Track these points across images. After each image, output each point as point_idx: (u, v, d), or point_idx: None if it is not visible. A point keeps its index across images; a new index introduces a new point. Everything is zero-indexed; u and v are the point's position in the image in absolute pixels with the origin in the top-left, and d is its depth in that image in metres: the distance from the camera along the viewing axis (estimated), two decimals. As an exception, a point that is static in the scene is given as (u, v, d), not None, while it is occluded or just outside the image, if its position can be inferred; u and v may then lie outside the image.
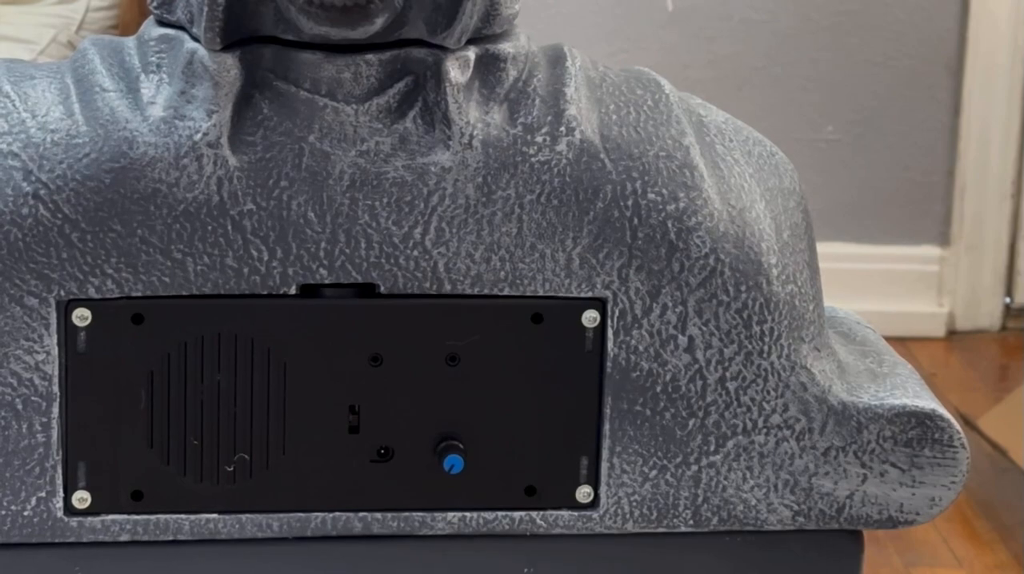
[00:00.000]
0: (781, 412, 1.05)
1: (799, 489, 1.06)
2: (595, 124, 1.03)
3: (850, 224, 3.09)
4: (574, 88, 1.03)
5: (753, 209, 1.04)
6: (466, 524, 1.05)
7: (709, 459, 1.05)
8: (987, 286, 3.15)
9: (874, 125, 3.08)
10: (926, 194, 3.12)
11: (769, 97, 3.04)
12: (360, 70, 0.99)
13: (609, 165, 1.02)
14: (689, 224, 1.02)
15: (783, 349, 1.04)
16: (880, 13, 3.03)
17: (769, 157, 1.09)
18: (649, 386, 1.04)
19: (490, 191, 1.01)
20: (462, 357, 1.03)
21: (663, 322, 1.03)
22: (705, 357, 1.04)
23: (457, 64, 1.00)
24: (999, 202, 3.12)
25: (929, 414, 1.06)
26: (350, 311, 1.02)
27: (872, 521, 1.08)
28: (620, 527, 1.06)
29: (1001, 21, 3.06)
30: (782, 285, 1.04)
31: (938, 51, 3.07)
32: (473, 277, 1.02)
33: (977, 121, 3.09)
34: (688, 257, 1.02)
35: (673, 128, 1.04)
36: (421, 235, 1.01)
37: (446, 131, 1.00)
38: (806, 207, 1.10)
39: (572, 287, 1.02)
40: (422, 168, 1.00)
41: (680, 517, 1.06)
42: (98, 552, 1.03)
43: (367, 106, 1.00)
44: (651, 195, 1.02)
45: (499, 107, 1.02)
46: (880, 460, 1.06)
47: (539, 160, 1.01)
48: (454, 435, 1.04)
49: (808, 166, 2.94)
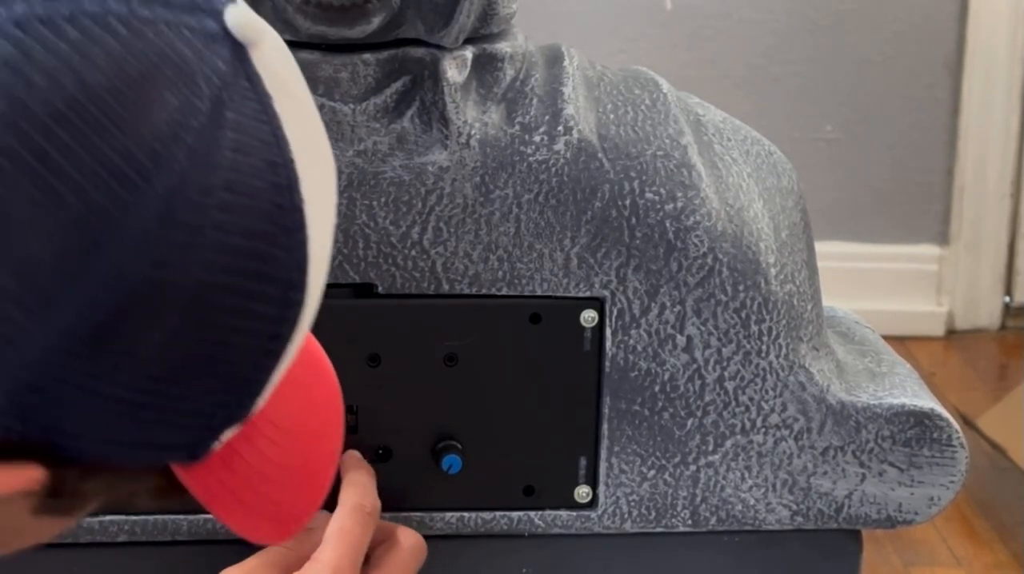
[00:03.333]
0: (779, 412, 1.05)
1: (797, 489, 1.06)
2: (593, 123, 1.02)
3: (849, 223, 3.09)
4: (572, 87, 1.03)
5: (751, 208, 1.04)
6: (464, 524, 1.05)
7: (707, 459, 1.05)
8: (986, 285, 3.15)
9: (873, 124, 3.08)
10: (925, 193, 3.12)
11: (768, 96, 3.04)
12: (357, 70, 0.99)
13: (607, 164, 1.01)
14: (687, 223, 1.02)
15: (781, 348, 1.04)
16: (879, 13, 3.03)
17: (767, 156, 1.09)
18: (647, 386, 1.04)
19: (488, 191, 1.01)
20: (460, 357, 1.03)
21: (661, 322, 1.03)
22: (703, 357, 1.04)
23: (455, 64, 1.00)
24: (998, 201, 3.12)
25: (928, 413, 1.06)
26: (348, 311, 1.02)
27: (871, 521, 1.07)
28: (618, 527, 1.06)
29: (1001, 21, 3.06)
30: (780, 284, 1.04)
31: (937, 51, 3.07)
32: (471, 277, 1.02)
33: (976, 121, 3.09)
34: (686, 256, 1.02)
35: (671, 127, 1.04)
36: (419, 235, 1.01)
37: (444, 131, 1.00)
38: (804, 206, 1.10)
39: (570, 287, 1.02)
40: (420, 168, 1.00)
41: (678, 517, 1.06)
42: (96, 553, 1.03)
43: (364, 106, 1.00)
44: (649, 194, 1.02)
45: (497, 107, 1.02)
46: (879, 459, 1.06)
47: (537, 159, 1.01)
48: (452, 435, 1.04)
49: (807, 165, 2.94)
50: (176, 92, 0.64)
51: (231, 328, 0.67)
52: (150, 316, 0.65)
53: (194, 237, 0.65)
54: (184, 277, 0.65)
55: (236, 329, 0.67)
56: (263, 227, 0.67)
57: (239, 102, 0.66)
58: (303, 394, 0.79)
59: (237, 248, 0.66)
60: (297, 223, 0.68)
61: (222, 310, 0.66)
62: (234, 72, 0.66)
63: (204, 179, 0.65)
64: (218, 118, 0.65)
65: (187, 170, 0.64)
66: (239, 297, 0.67)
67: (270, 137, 0.67)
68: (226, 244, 0.66)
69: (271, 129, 0.67)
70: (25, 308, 0.63)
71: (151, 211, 0.64)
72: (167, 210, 0.64)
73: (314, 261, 0.69)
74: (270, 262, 0.67)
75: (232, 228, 0.66)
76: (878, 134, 3.08)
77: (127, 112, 0.63)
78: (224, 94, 0.66)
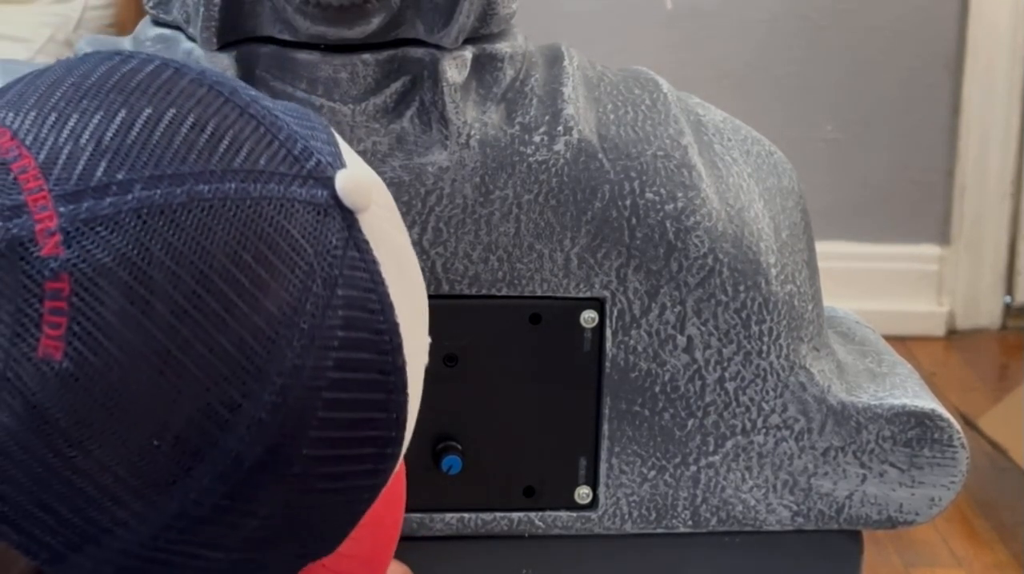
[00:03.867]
0: (780, 412, 1.05)
1: (798, 489, 1.06)
2: (593, 124, 1.02)
3: (850, 223, 3.09)
4: (572, 88, 1.02)
5: (751, 208, 1.04)
6: (464, 525, 1.05)
7: (708, 459, 1.05)
8: (987, 285, 3.15)
9: (873, 124, 3.08)
10: (926, 193, 3.12)
11: (768, 96, 3.03)
12: (357, 70, 0.99)
13: (607, 165, 1.01)
14: (687, 224, 1.02)
15: (782, 349, 1.04)
16: (880, 13, 3.03)
17: (767, 156, 1.09)
18: (648, 386, 1.04)
19: (488, 191, 1.01)
20: (460, 357, 1.03)
21: (662, 322, 1.03)
22: (704, 357, 1.04)
23: (454, 64, 1.00)
24: (999, 201, 3.12)
25: (928, 414, 1.06)
26: (348, 311, 1.01)
27: (871, 521, 1.07)
28: (619, 528, 1.06)
29: (1001, 21, 3.06)
30: (781, 285, 1.04)
31: (937, 51, 3.07)
32: (471, 277, 1.02)
33: (976, 120, 3.09)
34: (686, 257, 1.02)
35: (671, 127, 1.04)
36: (419, 235, 1.01)
37: (443, 131, 1.00)
38: (804, 206, 1.10)
39: (570, 287, 1.02)
40: (419, 168, 1.00)
41: (679, 517, 1.06)
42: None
43: (364, 106, 1.00)
44: (649, 195, 1.02)
45: (496, 107, 1.02)
46: (879, 460, 1.06)
47: (537, 160, 1.01)
48: (452, 436, 1.04)
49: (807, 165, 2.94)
50: (290, 275, 0.64)
51: (333, 491, 0.68)
52: (258, 495, 0.65)
53: (304, 420, 0.65)
54: (294, 456, 0.65)
55: (337, 491, 0.68)
56: (368, 397, 0.67)
57: (349, 276, 0.66)
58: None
59: (343, 422, 0.66)
60: (399, 384, 0.69)
61: (326, 478, 0.67)
62: (344, 244, 0.66)
63: (317, 362, 0.65)
64: (330, 298, 0.65)
65: (300, 355, 0.64)
66: (342, 464, 0.67)
67: (377, 305, 0.67)
68: (334, 420, 0.66)
69: (378, 297, 0.67)
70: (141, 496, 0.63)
71: (265, 401, 0.64)
72: (281, 400, 0.64)
73: (411, 413, 0.70)
74: (373, 427, 0.68)
75: (340, 406, 0.66)
76: (878, 134, 3.08)
77: (243, 301, 0.63)
78: (336, 271, 0.66)
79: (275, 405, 0.64)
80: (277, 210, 0.65)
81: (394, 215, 0.72)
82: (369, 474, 0.70)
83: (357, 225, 0.67)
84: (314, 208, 0.66)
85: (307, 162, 0.66)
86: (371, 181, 0.69)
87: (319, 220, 0.66)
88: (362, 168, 0.70)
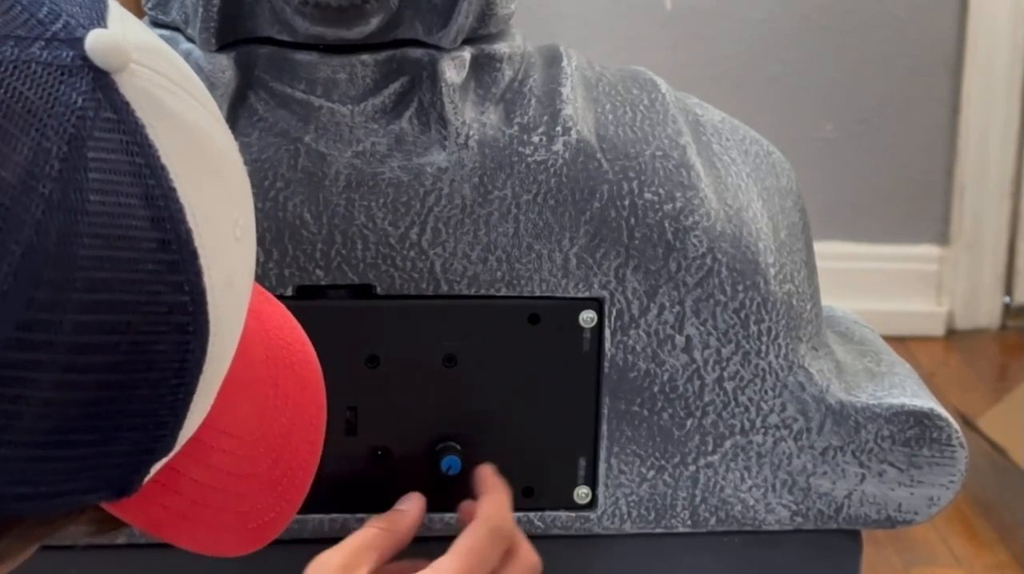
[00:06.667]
0: (779, 412, 1.05)
1: (797, 489, 1.06)
2: (591, 124, 1.02)
3: (849, 223, 3.09)
4: (570, 88, 1.02)
5: (750, 208, 1.04)
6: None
7: (707, 459, 1.05)
8: (986, 285, 3.15)
9: (873, 124, 3.08)
10: (925, 193, 3.12)
11: (768, 96, 3.04)
12: (356, 70, 0.99)
13: (606, 165, 1.01)
14: (686, 224, 1.02)
15: (781, 349, 1.04)
16: (880, 13, 3.03)
17: (766, 156, 1.09)
18: (647, 386, 1.04)
19: (486, 191, 1.01)
20: (459, 358, 1.03)
21: (660, 322, 1.03)
22: (703, 357, 1.04)
23: (453, 64, 1.00)
24: (998, 201, 3.12)
25: (927, 413, 1.06)
26: (347, 312, 1.01)
27: (870, 521, 1.07)
28: (618, 528, 1.06)
29: (1001, 21, 3.06)
30: (779, 284, 1.04)
31: (937, 51, 3.07)
32: (470, 277, 1.02)
33: (976, 120, 3.09)
34: (685, 257, 1.02)
35: (669, 127, 1.04)
36: (418, 235, 1.01)
37: (442, 131, 1.00)
38: (803, 206, 1.10)
39: (569, 287, 1.02)
40: (418, 168, 1.00)
41: (678, 517, 1.06)
42: (94, 554, 1.03)
43: (363, 106, 1.00)
44: (648, 195, 1.02)
45: (495, 107, 1.02)
46: (878, 460, 1.06)
47: (535, 160, 1.01)
48: (452, 436, 1.04)
49: (807, 165, 2.94)
50: (23, 137, 0.61)
51: (123, 374, 0.64)
52: (24, 378, 0.62)
53: (61, 293, 0.61)
54: (55, 335, 0.62)
55: (129, 374, 0.64)
56: (143, 267, 0.63)
57: (101, 138, 0.63)
58: (261, 395, 0.76)
59: (111, 298, 0.63)
60: (186, 254, 0.64)
61: (109, 360, 0.63)
62: (95, 105, 0.63)
63: (66, 229, 0.61)
64: (77, 160, 0.62)
65: (43, 222, 0.61)
66: (125, 345, 0.63)
67: (144, 169, 0.63)
68: (98, 296, 0.62)
69: (145, 160, 0.63)
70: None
71: (8, 270, 0.60)
72: (26, 267, 0.61)
73: (213, 286, 0.65)
74: (156, 301, 0.64)
75: (105, 277, 0.62)
76: (878, 134, 3.08)
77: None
78: (83, 132, 0.62)
79: (18, 274, 0.60)
80: (10, 72, 0.62)
81: (188, 88, 0.67)
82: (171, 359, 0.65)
83: (113, 86, 0.63)
84: (57, 69, 0.62)
85: (52, 24, 0.63)
86: (131, 43, 0.65)
87: (60, 80, 0.62)
88: (127, 29, 0.66)
